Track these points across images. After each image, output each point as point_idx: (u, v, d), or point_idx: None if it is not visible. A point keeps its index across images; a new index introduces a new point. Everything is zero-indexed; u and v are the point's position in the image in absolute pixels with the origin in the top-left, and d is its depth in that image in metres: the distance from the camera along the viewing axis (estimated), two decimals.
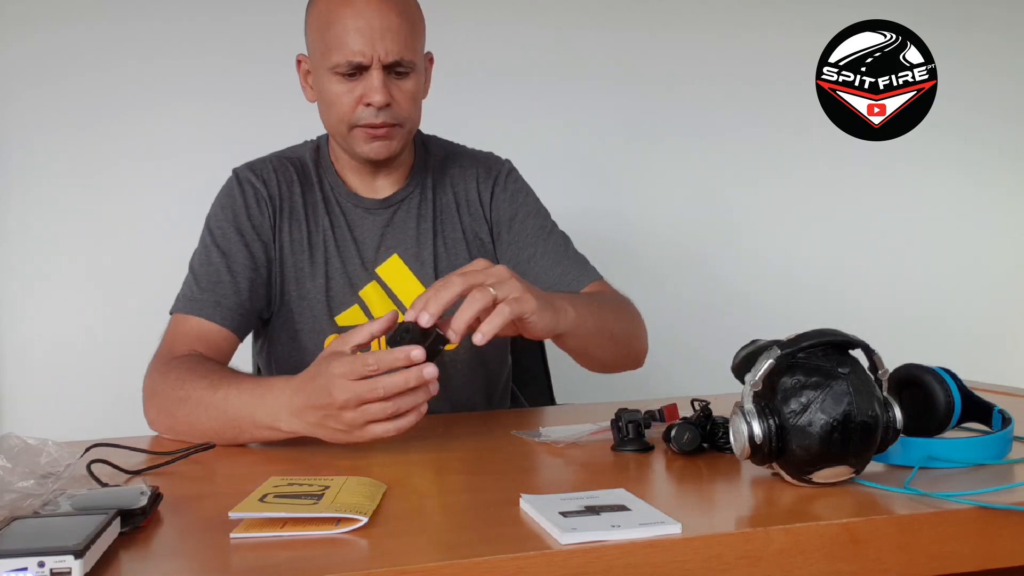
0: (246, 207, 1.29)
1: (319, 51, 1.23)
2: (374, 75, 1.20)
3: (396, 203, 1.35)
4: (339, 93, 1.22)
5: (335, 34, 1.19)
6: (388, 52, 1.19)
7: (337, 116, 1.24)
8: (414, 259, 1.33)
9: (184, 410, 1.08)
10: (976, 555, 0.74)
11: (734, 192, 2.37)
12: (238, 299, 1.25)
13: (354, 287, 1.31)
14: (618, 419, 1.00)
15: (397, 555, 0.66)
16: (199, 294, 1.24)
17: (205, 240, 1.29)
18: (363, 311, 1.30)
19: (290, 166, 1.34)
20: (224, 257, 1.26)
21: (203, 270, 1.26)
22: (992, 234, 2.58)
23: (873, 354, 0.83)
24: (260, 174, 1.32)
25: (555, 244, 1.36)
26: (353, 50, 1.19)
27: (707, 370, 1.47)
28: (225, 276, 1.25)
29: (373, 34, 1.18)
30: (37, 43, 1.92)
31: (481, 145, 1.46)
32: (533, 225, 1.37)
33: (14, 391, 1.92)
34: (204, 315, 1.22)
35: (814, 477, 0.80)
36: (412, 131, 1.30)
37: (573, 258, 1.35)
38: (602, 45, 2.26)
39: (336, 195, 1.34)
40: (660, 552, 0.67)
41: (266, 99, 2.00)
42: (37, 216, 1.94)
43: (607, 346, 1.20)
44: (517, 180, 1.42)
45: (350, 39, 1.18)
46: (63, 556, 0.59)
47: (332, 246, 1.31)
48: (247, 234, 1.28)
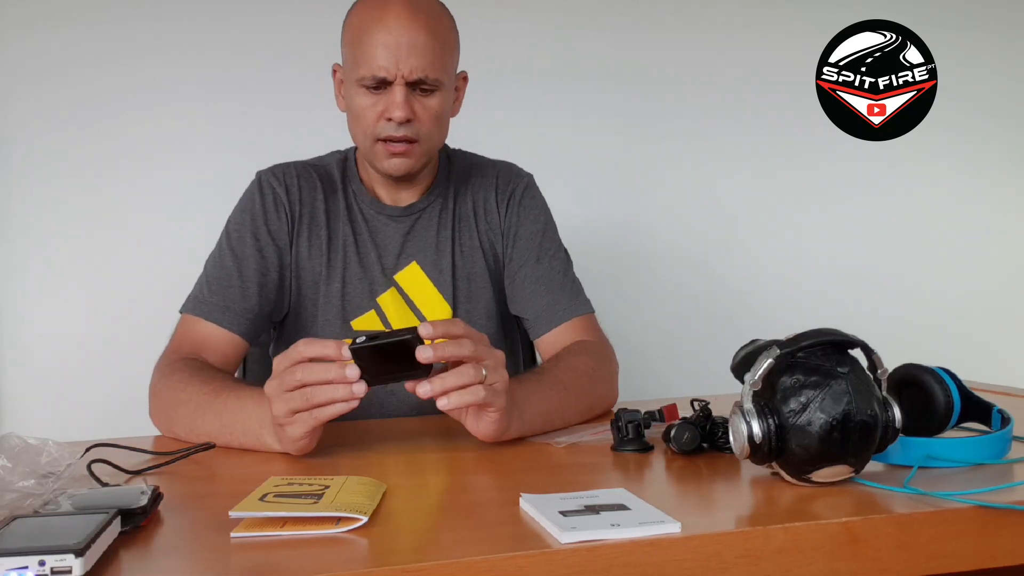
0: (264, 212, 1.31)
1: (350, 63, 1.25)
2: (397, 91, 1.21)
3: (418, 212, 1.36)
4: (364, 106, 1.23)
5: (364, 48, 1.20)
6: (412, 69, 1.20)
7: (362, 129, 1.26)
8: (432, 267, 1.34)
9: (183, 412, 1.09)
10: (975, 554, 0.74)
11: (733, 192, 2.37)
12: (247, 304, 1.26)
13: (373, 292, 1.32)
14: (618, 419, 1.00)
15: (397, 555, 0.66)
16: (209, 296, 1.25)
17: (221, 243, 1.31)
18: (379, 317, 1.32)
19: (314, 173, 1.36)
20: (237, 261, 1.28)
21: (215, 273, 1.28)
22: (992, 234, 2.58)
23: (872, 354, 0.83)
24: (282, 179, 1.33)
25: (551, 270, 1.36)
26: (379, 65, 1.20)
27: (707, 370, 1.47)
28: (236, 281, 1.26)
29: (400, 50, 1.19)
30: (37, 43, 1.92)
31: (477, 144, 1.46)
32: (534, 245, 1.37)
33: (14, 391, 1.92)
34: (212, 319, 1.23)
35: (813, 476, 0.80)
36: (434, 149, 1.31)
37: (567, 288, 1.36)
38: (600, 45, 2.26)
39: (359, 202, 1.35)
40: (660, 551, 0.67)
41: (266, 99, 2.00)
42: (37, 216, 1.94)
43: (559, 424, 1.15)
44: (534, 196, 1.42)
45: (377, 54, 1.19)
46: (64, 555, 0.59)
47: (352, 251, 1.32)
48: (262, 239, 1.30)
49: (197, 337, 1.23)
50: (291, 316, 1.33)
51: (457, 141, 1.45)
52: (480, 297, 1.36)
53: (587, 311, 1.36)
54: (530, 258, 1.36)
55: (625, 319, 2.23)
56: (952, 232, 2.55)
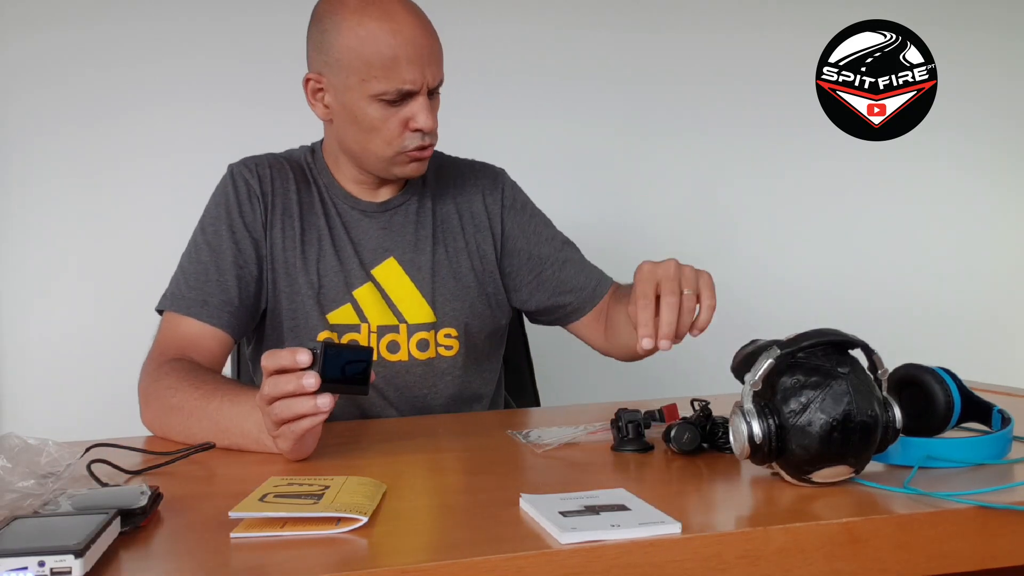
0: (238, 203, 1.29)
1: (356, 74, 1.19)
2: (422, 101, 1.20)
3: (393, 208, 1.35)
4: (383, 119, 1.21)
5: (380, 60, 1.17)
6: (434, 76, 1.20)
7: (382, 140, 1.23)
8: (410, 264, 1.33)
9: (178, 419, 1.08)
10: (975, 555, 0.74)
11: (733, 192, 2.37)
12: (226, 296, 1.24)
13: (349, 286, 1.30)
14: (618, 419, 1.00)
15: (397, 555, 0.66)
16: (187, 292, 1.24)
17: (196, 238, 1.29)
18: (355, 310, 1.30)
19: (286, 164, 1.34)
20: (213, 255, 1.26)
21: (191, 268, 1.26)
22: (992, 234, 2.59)
23: (873, 354, 0.83)
24: (254, 170, 1.32)
25: (574, 250, 1.43)
26: (405, 79, 1.17)
27: (707, 370, 1.47)
28: (213, 274, 1.25)
29: (423, 61, 1.18)
30: (37, 43, 1.92)
31: (478, 144, 1.46)
32: (549, 236, 1.42)
33: (14, 391, 1.92)
34: (192, 314, 1.22)
35: (814, 477, 0.80)
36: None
37: (589, 263, 1.42)
38: (599, 46, 2.26)
39: (332, 196, 1.33)
40: (659, 551, 0.67)
41: (266, 99, 2.00)
42: (37, 216, 1.94)
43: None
44: (517, 191, 1.44)
45: (401, 67, 1.17)
46: (63, 555, 0.59)
47: (328, 244, 1.31)
48: (238, 231, 1.28)
49: (180, 336, 1.21)
50: (269, 310, 1.31)
51: (457, 141, 1.45)
52: (466, 296, 1.35)
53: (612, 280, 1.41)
54: (560, 245, 1.41)
55: None
56: (952, 232, 2.55)
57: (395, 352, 1.30)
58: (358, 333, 1.29)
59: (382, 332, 1.30)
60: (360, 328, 1.29)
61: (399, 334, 1.30)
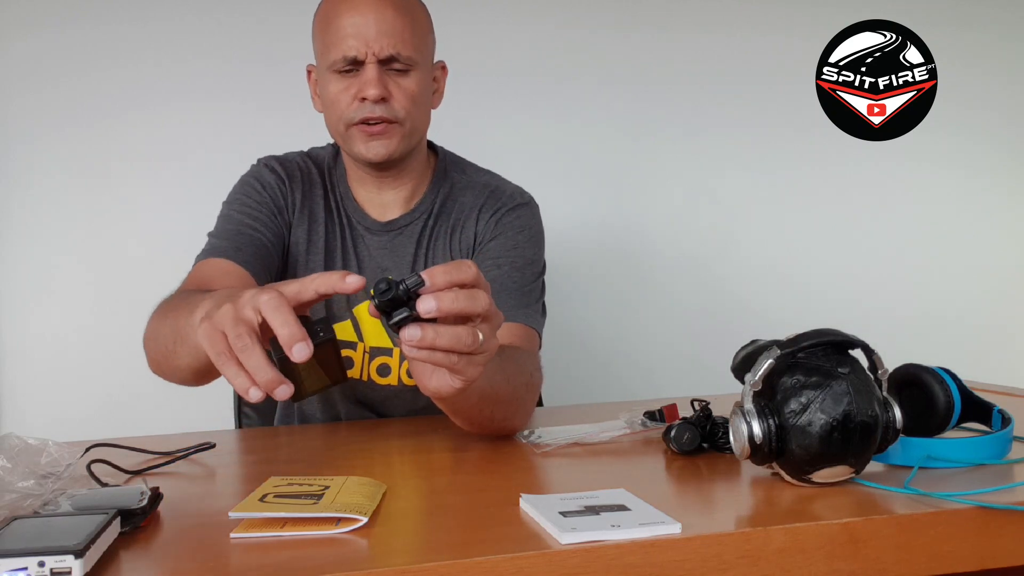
0: (269, 186, 1.28)
1: (321, 53, 1.23)
2: (369, 68, 1.18)
3: (398, 228, 1.31)
4: (337, 91, 1.20)
5: (332, 32, 1.19)
6: (383, 47, 1.18)
7: (336, 115, 1.22)
8: None
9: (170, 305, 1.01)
10: (975, 555, 0.74)
11: (733, 192, 2.37)
12: (258, 243, 1.22)
13: (350, 302, 1.29)
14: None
15: (397, 555, 0.66)
16: (219, 243, 1.21)
17: (224, 212, 1.28)
18: (354, 328, 1.29)
19: (314, 168, 1.34)
20: (246, 213, 1.25)
21: (224, 227, 1.24)
22: (992, 234, 2.58)
23: (873, 354, 0.83)
24: (286, 166, 1.31)
25: (508, 278, 1.25)
26: (348, 44, 1.17)
27: (707, 370, 1.47)
28: (247, 229, 1.23)
29: (368, 28, 1.17)
30: (37, 43, 1.92)
31: (478, 144, 1.46)
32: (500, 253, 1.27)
33: (14, 391, 1.92)
34: (224, 256, 1.19)
35: (814, 477, 0.80)
36: (413, 133, 1.24)
37: (517, 296, 1.24)
38: (599, 46, 2.25)
39: (346, 209, 1.32)
40: (660, 552, 0.67)
41: (267, 99, 2.00)
42: (37, 216, 1.94)
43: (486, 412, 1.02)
44: (520, 216, 1.31)
45: (346, 34, 1.18)
46: (63, 556, 0.59)
47: (338, 256, 1.30)
48: (266, 207, 1.27)
49: (204, 273, 1.17)
50: None
51: (457, 141, 1.45)
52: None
53: (533, 324, 1.23)
54: (491, 265, 1.25)
55: (625, 319, 2.23)
56: (952, 232, 2.55)
57: (385, 376, 1.30)
58: (353, 351, 1.29)
59: (374, 354, 1.30)
60: (356, 346, 1.29)
61: (392, 358, 1.30)
